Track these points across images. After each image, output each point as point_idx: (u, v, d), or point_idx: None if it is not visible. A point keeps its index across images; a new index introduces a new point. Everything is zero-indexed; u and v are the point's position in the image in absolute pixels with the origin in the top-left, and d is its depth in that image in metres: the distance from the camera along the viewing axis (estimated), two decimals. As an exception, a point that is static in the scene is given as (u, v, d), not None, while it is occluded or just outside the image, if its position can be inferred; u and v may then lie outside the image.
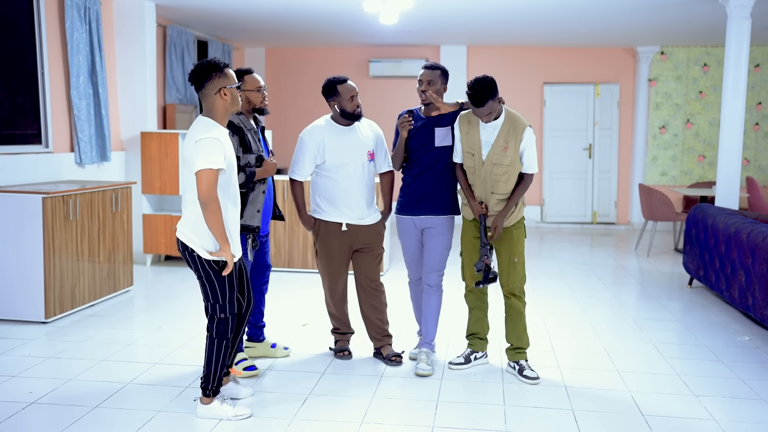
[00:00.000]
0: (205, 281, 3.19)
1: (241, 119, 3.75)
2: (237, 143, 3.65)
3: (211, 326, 3.24)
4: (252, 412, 3.37)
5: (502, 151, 3.73)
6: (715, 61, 9.72)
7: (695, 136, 9.90)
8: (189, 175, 3.13)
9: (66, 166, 6.00)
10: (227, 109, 3.19)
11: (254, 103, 3.79)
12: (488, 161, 3.76)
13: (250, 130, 3.76)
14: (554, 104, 10.14)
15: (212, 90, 3.13)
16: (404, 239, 4.11)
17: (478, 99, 3.59)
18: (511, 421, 3.34)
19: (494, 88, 3.59)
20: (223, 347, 3.24)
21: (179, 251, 3.23)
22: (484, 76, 3.61)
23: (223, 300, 3.19)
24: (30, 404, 3.44)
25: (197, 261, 3.15)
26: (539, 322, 5.05)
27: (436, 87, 3.93)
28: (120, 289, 5.67)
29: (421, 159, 3.95)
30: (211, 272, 3.16)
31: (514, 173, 3.78)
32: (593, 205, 10.24)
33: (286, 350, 4.23)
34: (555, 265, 7.23)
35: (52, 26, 5.92)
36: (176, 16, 7.78)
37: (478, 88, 3.58)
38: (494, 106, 3.65)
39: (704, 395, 3.70)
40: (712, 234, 5.57)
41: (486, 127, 3.76)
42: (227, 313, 3.21)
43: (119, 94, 6.95)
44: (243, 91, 3.75)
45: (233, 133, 3.65)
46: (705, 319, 5.21)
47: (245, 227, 3.70)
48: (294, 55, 10.53)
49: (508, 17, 7.64)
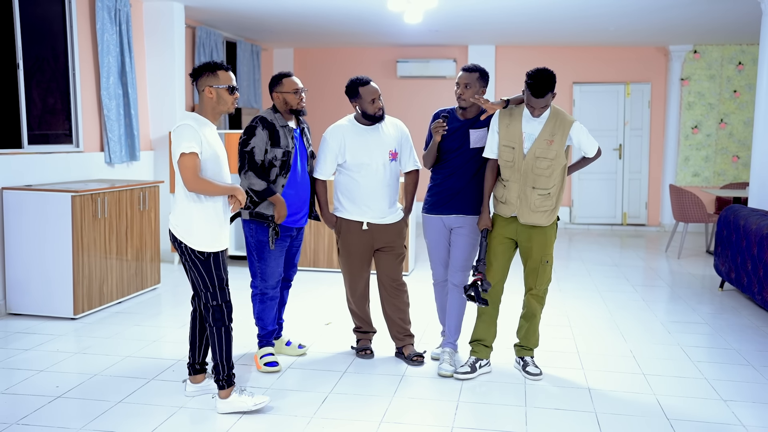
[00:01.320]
0: (194, 271, 3.31)
1: (276, 117, 3.89)
2: (267, 137, 3.81)
3: (207, 316, 3.34)
4: (272, 404, 3.39)
5: (547, 144, 3.68)
6: (751, 59, 9.50)
7: (729, 136, 9.69)
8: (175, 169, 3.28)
9: (96, 166, 6.11)
10: (213, 107, 3.32)
11: (291, 105, 3.92)
12: (530, 154, 3.71)
13: (283, 128, 3.88)
14: (584, 104, 10.02)
15: (201, 87, 3.30)
16: (430, 239, 4.09)
17: (539, 90, 3.57)
18: (531, 422, 3.30)
19: (554, 81, 3.59)
20: (224, 334, 3.33)
21: (171, 241, 3.40)
22: (545, 68, 3.59)
23: (213, 288, 3.30)
24: (56, 398, 3.51)
25: (186, 251, 3.30)
26: (565, 323, 4.99)
27: (474, 90, 3.84)
28: (147, 286, 5.75)
29: (454, 160, 3.93)
30: (198, 263, 3.29)
31: (557, 168, 3.72)
32: (623, 206, 10.09)
33: (301, 349, 4.23)
34: (583, 267, 7.14)
35: (84, 28, 6.03)
36: (205, 18, 7.87)
37: (540, 79, 3.56)
38: (549, 100, 3.63)
39: (733, 400, 3.61)
40: (744, 236, 5.44)
41: (530, 121, 3.72)
42: (219, 300, 3.31)
43: (148, 95, 7.05)
44: (281, 93, 3.91)
45: (264, 127, 3.82)
46: (736, 322, 5.10)
47: (259, 214, 3.82)
48: (322, 55, 10.58)
49: (537, 16, 7.56)
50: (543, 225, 3.78)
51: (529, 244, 3.82)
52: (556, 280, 6.26)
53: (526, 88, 3.61)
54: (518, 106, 3.80)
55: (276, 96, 3.93)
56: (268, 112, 3.91)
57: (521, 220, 3.78)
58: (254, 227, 3.88)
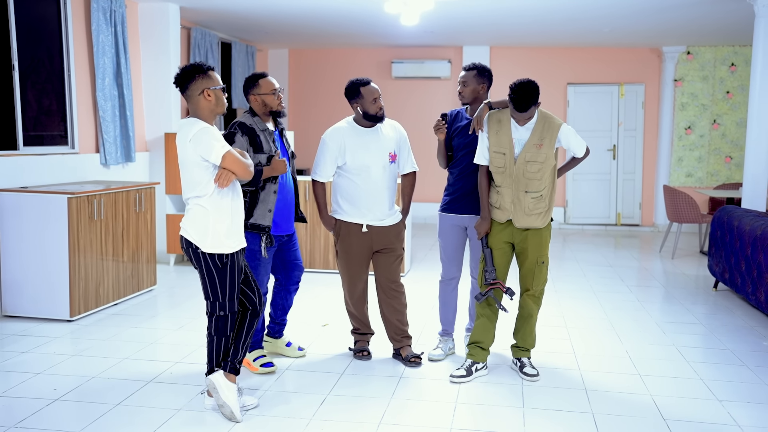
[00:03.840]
0: (206, 277, 3.24)
1: (255, 121, 3.78)
2: (247, 143, 3.69)
3: (210, 324, 3.30)
4: (271, 406, 3.39)
5: (537, 148, 3.72)
6: (743, 60, 9.56)
7: (722, 136, 9.75)
8: (189, 176, 3.20)
9: (91, 167, 6.09)
10: (212, 110, 3.24)
11: (270, 106, 3.81)
12: (521, 159, 3.74)
13: (264, 131, 3.77)
14: (578, 105, 10.06)
15: (196, 91, 3.20)
16: (444, 237, 4.17)
17: (522, 104, 3.61)
18: (529, 423, 3.32)
19: (538, 93, 3.62)
20: (222, 343, 3.31)
21: (182, 249, 3.29)
22: (528, 81, 3.61)
23: (223, 297, 3.24)
24: (54, 401, 3.50)
25: (200, 257, 3.22)
26: (561, 324, 5.01)
27: (471, 87, 4.03)
28: (143, 288, 5.75)
29: (465, 158, 4.03)
30: (213, 268, 3.21)
31: (547, 170, 3.76)
32: (617, 206, 10.13)
33: (300, 351, 4.24)
34: (578, 267, 7.17)
35: (79, 29, 6.02)
36: (200, 18, 7.86)
37: (522, 93, 3.58)
38: (533, 111, 3.67)
39: (728, 400, 3.64)
40: (737, 236, 5.48)
41: (518, 127, 3.76)
42: (226, 311, 3.26)
43: (144, 96, 7.04)
44: (258, 95, 3.79)
45: (243, 133, 3.70)
46: (730, 322, 5.13)
47: (255, 226, 3.72)
48: (317, 56, 10.57)
49: (531, 17, 7.59)
50: (538, 227, 3.81)
51: (525, 246, 3.85)
52: (551, 281, 6.28)
53: (510, 101, 3.66)
54: (506, 111, 3.82)
55: (253, 98, 3.80)
56: (245, 116, 3.79)
57: (517, 225, 3.81)
58: (248, 238, 3.74)
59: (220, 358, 3.34)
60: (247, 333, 3.39)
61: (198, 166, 3.15)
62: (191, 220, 3.23)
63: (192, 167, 3.16)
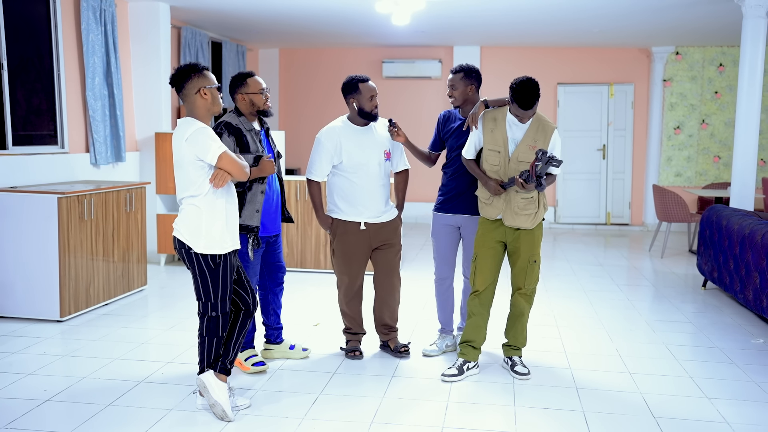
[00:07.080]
0: (199, 278, 3.24)
1: (241, 120, 3.75)
2: (234, 143, 3.65)
3: (201, 325, 3.30)
4: (263, 406, 3.39)
5: (530, 149, 3.75)
6: (731, 61, 9.63)
7: (710, 136, 9.82)
8: (183, 176, 3.19)
9: (81, 167, 6.07)
10: (209, 109, 3.24)
11: (258, 105, 3.78)
12: (514, 158, 3.77)
13: (250, 131, 3.74)
14: (568, 105, 10.10)
15: (192, 90, 3.20)
16: (438, 237, 4.20)
17: (527, 101, 3.62)
18: (521, 421, 3.34)
19: (539, 89, 3.65)
20: (214, 344, 3.31)
21: (175, 249, 3.29)
22: (529, 79, 3.63)
23: (215, 298, 3.24)
24: (44, 401, 3.49)
25: (193, 257, 3.22)
26: (552, 323, 5.04)
27: (460, 90, 4.07)
28: (134, 288, 5.73)
29: (458, 158, 4.06)
30: (206, 269, 3.21)
31: None
32: (607, 206, 10.19)
33: (305, 351, 4.21)
34: (568, 266, 7.20)
35: (68, 28, 5.99)
36: (190, 18, 7.84)
37: (526, 91, 3.60)
38: (536, 107, 3.71)
39: (717, 398, 3.67)
40: (726, 235, 5.52)
41: (513, 126, 3.78)
42: (218, 311, 3.26)
43: (134, 95, 7.01)
44: (246, 94, 3.76)
45: (230, 133, 3.66)
46: (719, 321, 5.17)
47: (243, 227, 3.69)
48: (308, 56, 10.57)
49: (521, 17, 7.62)
50: (527, 228, 3.83)
51: (518, 245, 3.87)
52: (542, 280, 6.30)
53: (513, 100, 3.66)
54: (501, 109, 3.84)
55: (240, 98, 3.77)
56: (231, 116, 3.75)
57: (506, 223, 3.83)
58: None
59: (211, 359, 3.34)
60: (239, 333, 3.39)
61: (193, 166, 3.15)
62: (184, 220, 3.22)
63: (187, 167, 3.16)
